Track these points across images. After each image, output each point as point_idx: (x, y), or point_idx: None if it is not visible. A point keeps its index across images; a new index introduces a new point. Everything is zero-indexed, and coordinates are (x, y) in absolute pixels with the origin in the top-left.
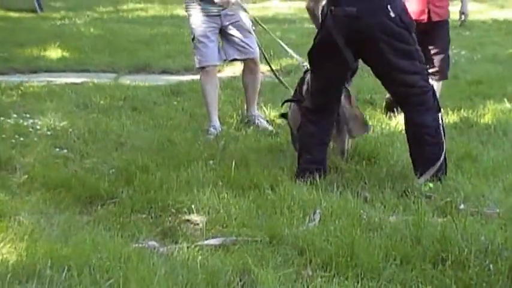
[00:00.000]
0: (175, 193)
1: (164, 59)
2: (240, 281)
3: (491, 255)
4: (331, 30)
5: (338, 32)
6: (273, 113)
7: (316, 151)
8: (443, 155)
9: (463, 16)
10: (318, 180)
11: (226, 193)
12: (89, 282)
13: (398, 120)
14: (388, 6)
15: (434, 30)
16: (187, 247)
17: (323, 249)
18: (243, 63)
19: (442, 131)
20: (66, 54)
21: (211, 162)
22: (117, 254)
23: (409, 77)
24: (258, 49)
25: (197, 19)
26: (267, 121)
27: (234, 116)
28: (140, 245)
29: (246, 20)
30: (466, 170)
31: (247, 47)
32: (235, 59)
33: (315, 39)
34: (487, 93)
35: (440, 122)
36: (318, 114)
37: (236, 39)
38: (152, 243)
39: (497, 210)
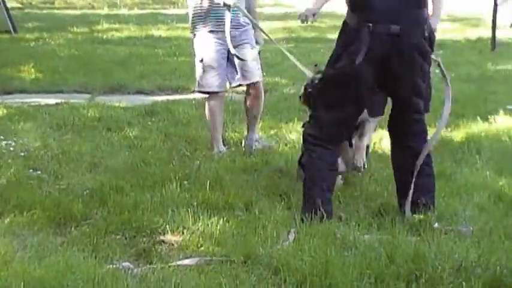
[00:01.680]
0: (149, 214)
1: (139, 79)
2: None
3: (465, 272)
4: (367, 49)
5: (376, 52)
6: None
7: (329, 177)
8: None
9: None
10: (293, 199)
11: (201, 213)
12: None
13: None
14: (425, 26)
15: None
16: (162, 268)
17: (297, 269)
18: (245, 86)
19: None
20: (40, 75)
21: (185, 182)
22: (91, 275)
23: (421, 101)
24: (261, 72)
25: (206, 42)
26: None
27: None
28: (114, 266)
29: (251, 37)
30: (440, 189)
31: (253, 70)
32: (240, 85)
33: (331, 62)
34: (461, 112)
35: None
36: (331, 144)
37: (241, 63)
38: (126, 264)
39: (471, 228)
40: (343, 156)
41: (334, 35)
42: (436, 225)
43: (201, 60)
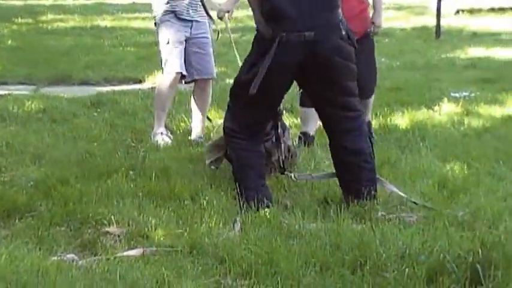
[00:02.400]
0: (94, 205)
1: (84, 70)
2: None
3: (409, 259)
4: (282, 59)
5: (291, 61)
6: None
7: (258, 165)
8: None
9: (373, 27)
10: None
11: (147, 204)
12: None
13: (318, 127)
14: (340, 24)
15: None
16: (107, 259)
17: (243, 258)
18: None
19: (373, 154)
20: None
21: (131, 173)
22: (35, 268)
23: (351, 99)
24: (215, 69)
25: (172, 26)
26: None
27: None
28: (59, 258)
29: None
30: (384, 176)
31: (207, 66)
32: (194, 80)
33: (245, 68)
34: (406, 100)
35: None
36: (249, 140)
37: (197, 57)
38: (71, 255)
39: (415, 216)
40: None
41: None
42: (380, 213)
43: (168, 42)
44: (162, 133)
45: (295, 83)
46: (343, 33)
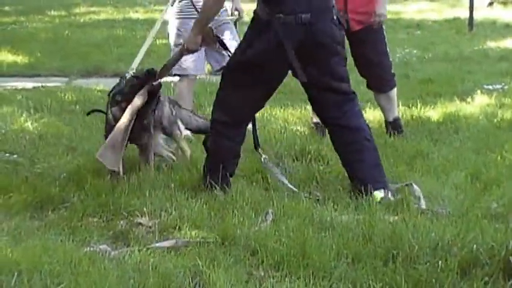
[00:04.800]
0: (126, 196)
1: (116, 62)
2: (192, 282)
3: (441, 252)
4: (280, 41)
5: (288, 43)
6: None
7: (231, 165)
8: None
9: (377, 18)
10: (270, 180)
11: (178, 195)
12: (40, 287)
13: None
14: (333, 11)
15: (366, 39)
16: (139, 250)
17: (275, 250)
18: None
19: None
20: (17, 59)
21: (163, 164)
22: (68, 259)
23: (344, 84)
24: None
25: (185, 24)
26: None
27: None
28: (91, 249)
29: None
30: (417, 169)
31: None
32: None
33: (241, 48)
34: (438, 91)
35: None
36: (235, 129)
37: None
38: (104, 246)
39: (448, 208)
40: None
41: None
42: (418, 205)
43: (181, 44)
44: None
45: None
46: (334, 17)
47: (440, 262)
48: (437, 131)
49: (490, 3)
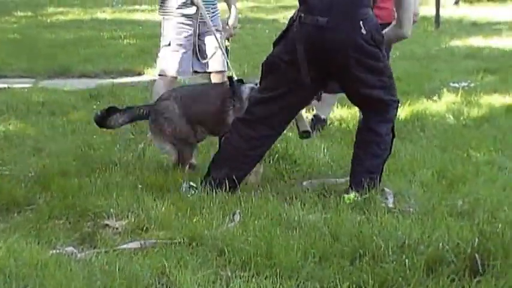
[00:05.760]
0: (93, 198)
1: (83, 63)
2: (159, 283)
3: (408, 250)
4: (295, 39)
5: (300, 42)
6: None
7: (237, 166)
8: (381, 170)
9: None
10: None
11: (146, 196)
12: None
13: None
14: (361, 22)
15: None
16: (106, 252)
17: (242, 250)
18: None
19: (388, 150)
20: None
21: (130, 165)
22: (34, 261)
23: (375, 91)
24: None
25: (175, 25)
26: None
27: None
28: (58, 251)
29: (220, 24)
30: (385, 167)
31: (219, 58)
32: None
33: (274, 44)
34: (405, 90)
35: (391, 138)
36: (251, 129)
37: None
38: (70, 249)
39: (415, 206)
40: None
41: (278, 15)
42: (385, 203)
43: (169, 44)
44: None
45: None
46: (364, 32)
47: (407, 260)
48: (404, 129)
49: (456, 2)
